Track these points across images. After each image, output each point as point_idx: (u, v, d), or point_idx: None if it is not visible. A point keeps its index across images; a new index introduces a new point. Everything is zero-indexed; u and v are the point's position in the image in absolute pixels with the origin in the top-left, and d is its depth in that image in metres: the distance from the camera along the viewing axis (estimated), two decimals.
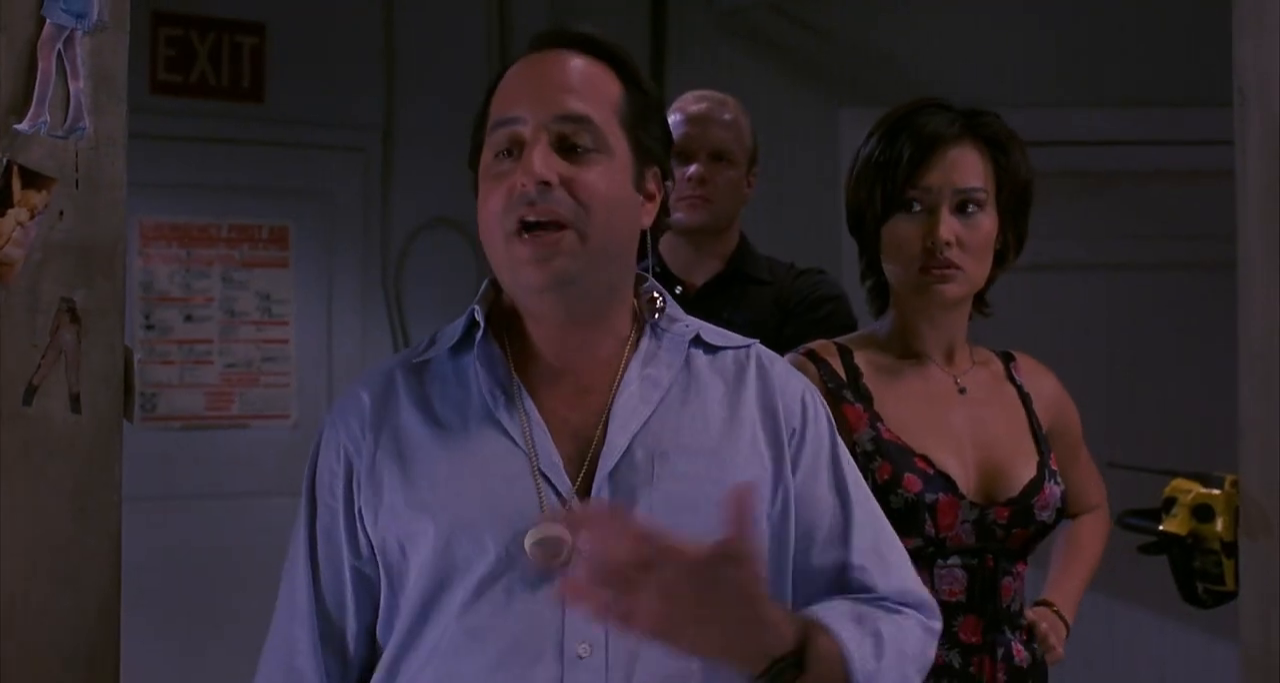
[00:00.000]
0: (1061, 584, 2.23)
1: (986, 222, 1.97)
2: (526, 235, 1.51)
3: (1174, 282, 4.56)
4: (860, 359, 2.02)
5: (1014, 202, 2.01)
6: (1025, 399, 2.10)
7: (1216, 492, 2.19)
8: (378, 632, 1.60)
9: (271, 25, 4.58)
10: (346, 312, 4.64)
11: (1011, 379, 2.12)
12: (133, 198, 1.83)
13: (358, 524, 1.58)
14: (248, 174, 4.54)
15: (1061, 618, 2.17)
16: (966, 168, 1.96)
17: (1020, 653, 1.99)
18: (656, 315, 1.65)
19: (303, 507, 1.63)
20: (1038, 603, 2.19)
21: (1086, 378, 4.43)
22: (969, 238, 1.95)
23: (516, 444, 1.54)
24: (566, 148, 1.53)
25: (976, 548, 1.95)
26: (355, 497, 1.58)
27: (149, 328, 4.43)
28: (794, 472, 1.63)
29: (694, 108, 2.83)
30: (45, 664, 1.73)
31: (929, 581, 1.93)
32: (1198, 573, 2.23)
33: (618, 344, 1.62)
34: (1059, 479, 2.03)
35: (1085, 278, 4.64)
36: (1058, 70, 4.56)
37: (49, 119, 1.73)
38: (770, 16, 4.64)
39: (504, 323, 1.64)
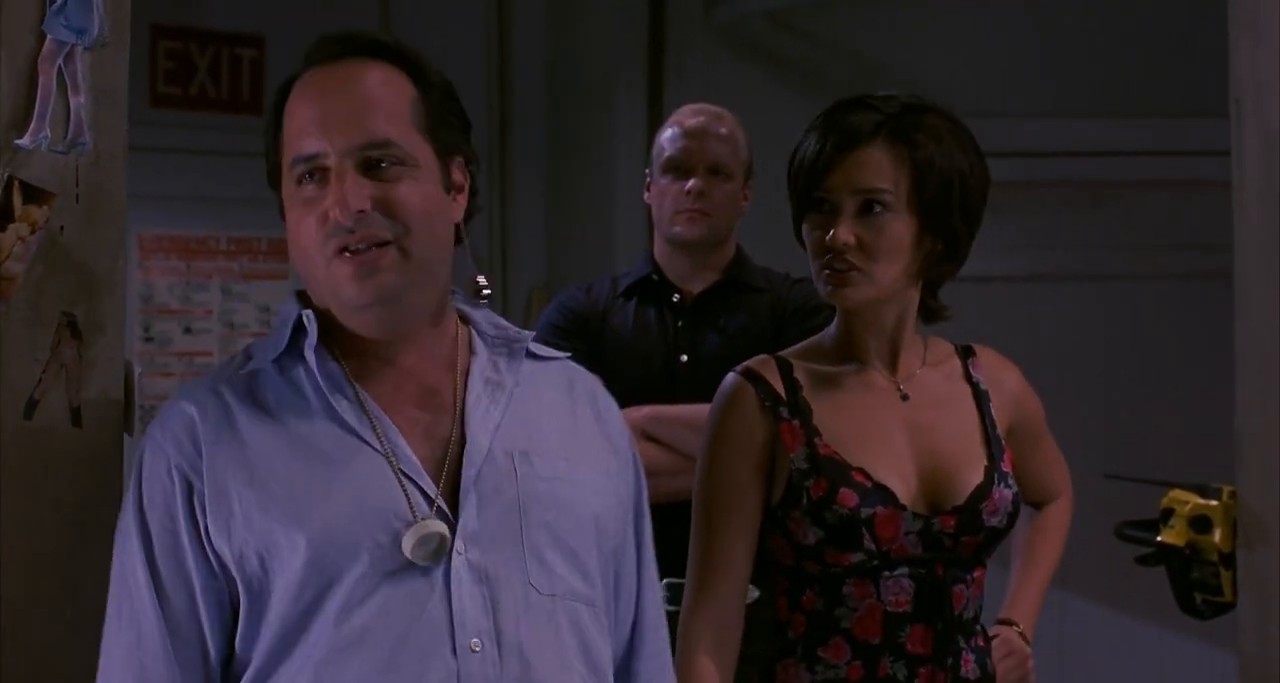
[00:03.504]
0: (1021, 597, 2.17)
1: (895, 223, 1.90)
2: (348, 254, 1.51)
3: (1170, 292, 4.57)
4: (800, 372, 1.97)
5: (931, 201, 1.91)
6: (981, 398, 2.04)
7: (1214, 503, 2.20)
8: (237, 647, 1.54)
9: (270, 37, 4.59)
10: None
11: (968, 377, 2.05)
12: (132, 211, 1.84)
13: (206, 545, 1.52)
14: (247, 186, 4.48)
15: (1024, 638, 2.14)
16: (869, 168, 1.90)
17: (969, 665, 1.95)
18: (484, 300, 1.66)
19: (134, 540, 1.54)
20: (1000, 621, 2.15)
21: (1083, 389, 4.45)
22: (873, 241, 1.89)
23: (374, 448, 1.52)
24: (371, 166, 1.53)
25: (924, 558, 1.91)
26: (200, 517, 1.52)
27: (148, 340, 4.44)
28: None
29: (691, 122, 2.84)
30: (45, 678, 1.74)
31: (874, 592, 1.89)
32: (1196, 584, 2.23)
33: (450, 344, 1.61)
34: (1010, 482, 1.97)
35: (1081, 288, 4.65)
36: (1055, 80, 4.56)
37: (50, 134, 1.74)
38: (768, 27, 4.65)
39: (334, 330, 1.59)
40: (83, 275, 1.75)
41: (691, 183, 2.77)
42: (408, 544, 1.48)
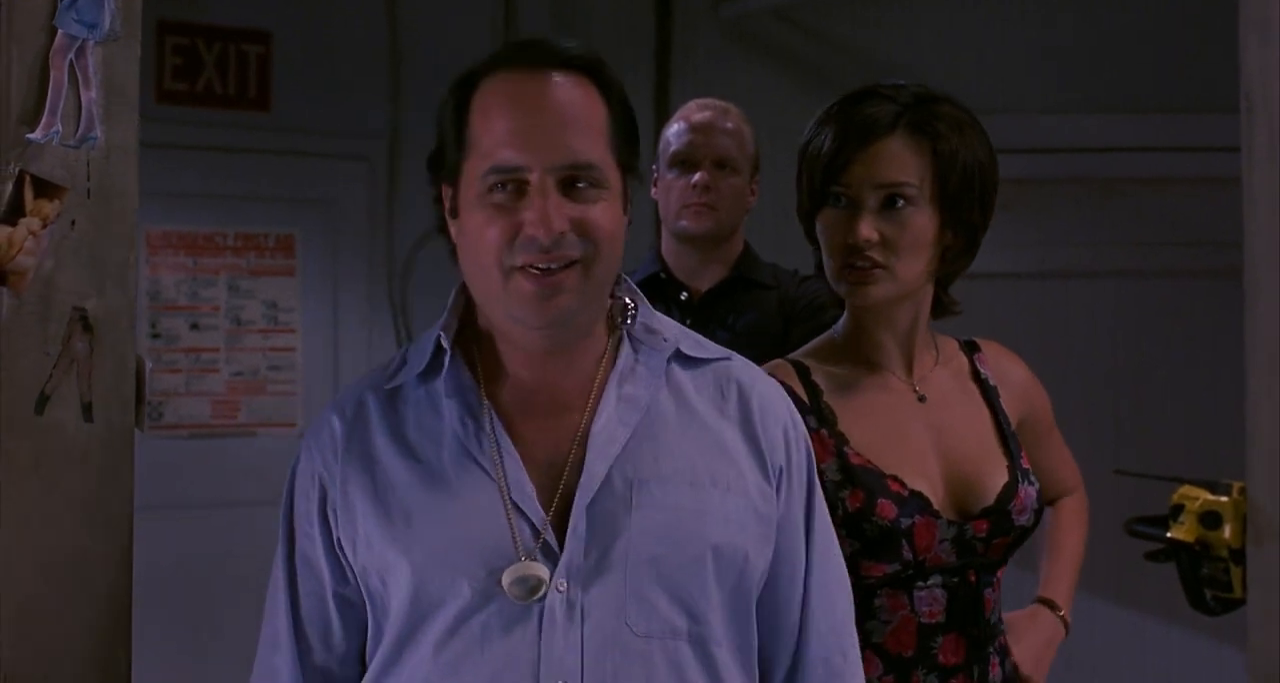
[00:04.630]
0: (1056, 581, 2.15)
1: (918, 218, 1.84)
2: (535, 271, 1.50)
3: (1181, 288, 4.56)
4: (819, 375, 1.92)
5: (954, 193, 1.87)
6: (991, 394, 2.01)
7: (1224, 499, 2.19)
8: (366, 652, 1.59)
9: (277, 34, 4.59)
10: (352, 320, 4.65)
11: (976, 374, 2.03)
12: (139, 206, 1.84)
13: (338, 552, 1.57)
14: (254, 183, 4.55)
15: (1063, 621, 2.13)
16: (892, 161, 1.84)
17: (995, 670, 1.93)
18: (629, 321, 1.63)
19: (281, 534, 1.62)
20: (1038, 601, 2.14)
21: (1093, 385, 4.45)
22: (896, 236, 1.84)
23: (489, 475, 1.53)
24: (569, 185, 1.51)
25: (956, 566, 1.87)
26: (333, 526, 1.57)
27: (155, 336, 4.44)
28: (778, 514, 1.62)
29: (697, 117, 2.84)
30: (57, 673, 1.73)
31: (907, 603, 1.86)
32: (1206, 580, 2.23)
33: (594, 359, 1.60)
34: (1032, 479, 1.95)
35: (1092, 285, 4.64)
36: (1064, 76, 4.56)
37: (61, 128, 1.74)
38: (775, 24, 4.64)
39: (473, 335, 1.61)
40: (94, 270, 1.75)
41: (697, 176, 2.77)
42: (506, 582, 1.48)
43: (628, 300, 1.64)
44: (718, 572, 1.54)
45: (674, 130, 2.86)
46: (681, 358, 1.63)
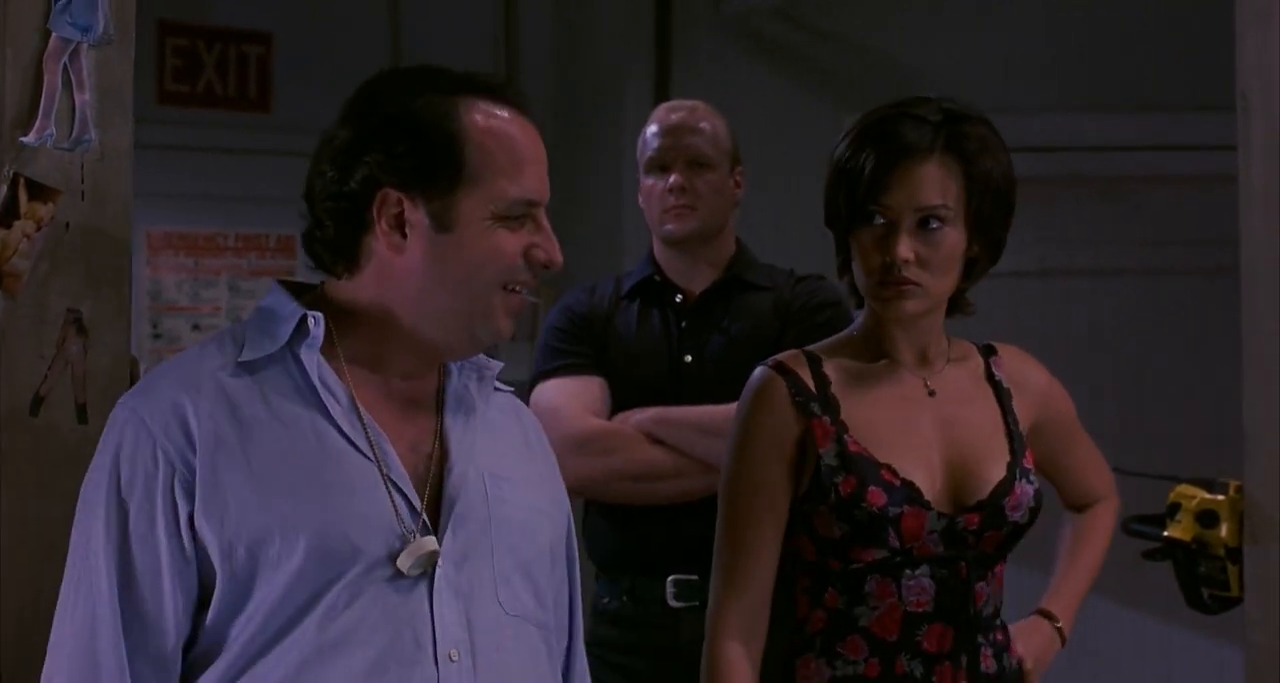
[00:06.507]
0: (1062, 591, 2.17)
1: (951, 236, 1.93)
2: (520, 292, 1.61)
3: (1179, 287, 4.56)
4: (830, 367, 1.99)
5: (986, 213, 1.96)
6: (1003, 396, 2.05)
7: (1221, 497, 2.20)
8: (208, 635, 1.53)
9: (278, 35, 4.60)
10: None
11: (990, 376, 2.07)
12: (140, 208, 1.84)
13: (182, 532, 1.51)
14: (254, 183, 4.55)
15: (1060, 633, 2.14)
16: (930, 185, 1.92)
17: (987, 660, 1.95)
18: None
19: (99, 516, 1.52)
20: (1037, 612, 2.15)
21: (1092, 383, 4.43)
22: (930, 255, 1.92)
23: (364, 455, 1.55)
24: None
25: (946, 557, 1.92)
26: (180, 503, 1.51)
27: (157, 337, 4.45)
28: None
29: (666, 120, 2.84)
30: None
31: (895, 591, 1.91)
32: (1203, 579, 2.23)
33: (434, 363, 1.66)
34: (1032, 478, 1.99)
35: (1091, 283, 4.64)
36: (1064, 75, 4.56)
37: (55, 132, 1.74)
38: (776, 22, 4.64)
39: (328, 330, 1.60)
40: (88, 272, 1.76)
41: (672, 179, 2.76)
42: (405, 559, 1.52)
43: None
44: (552, 568, 1.67)
45: (646, 136, 2.85)
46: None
